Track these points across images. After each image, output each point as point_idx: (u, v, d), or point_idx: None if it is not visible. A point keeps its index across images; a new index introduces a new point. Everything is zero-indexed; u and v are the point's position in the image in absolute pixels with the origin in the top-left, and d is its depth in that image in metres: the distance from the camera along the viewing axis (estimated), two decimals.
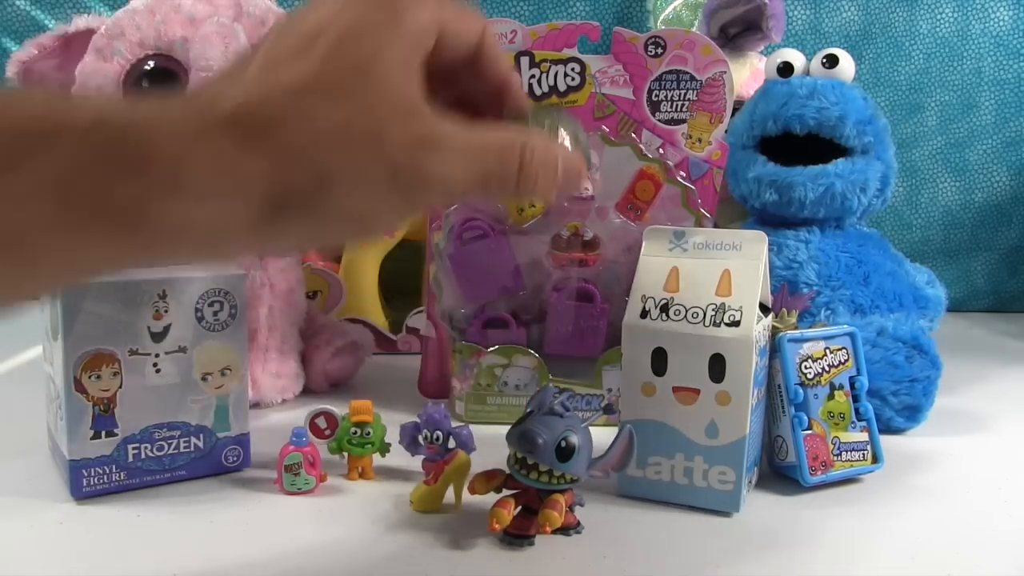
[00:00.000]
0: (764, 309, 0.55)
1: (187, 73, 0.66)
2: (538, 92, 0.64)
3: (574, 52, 0.64)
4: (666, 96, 0.65)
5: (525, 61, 0.64)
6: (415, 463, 0.54)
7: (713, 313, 0.51)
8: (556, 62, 0.64)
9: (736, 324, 0.50)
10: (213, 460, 0.55)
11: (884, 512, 0.53)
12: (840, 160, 0.74)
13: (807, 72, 0.76)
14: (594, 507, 0.51)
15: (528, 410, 0.48)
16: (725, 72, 0.65)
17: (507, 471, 0.48)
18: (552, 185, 0.35)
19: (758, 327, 0.51)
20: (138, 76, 0.67)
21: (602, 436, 0.50)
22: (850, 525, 0.51)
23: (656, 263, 0.54)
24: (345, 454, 0.56)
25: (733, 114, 0.69)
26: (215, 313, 0.54)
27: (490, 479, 0.49)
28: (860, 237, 0.77)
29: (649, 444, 0.52)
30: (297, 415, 0.61)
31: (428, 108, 0.32)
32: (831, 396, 0.56)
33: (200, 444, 0.55)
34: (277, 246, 0.33)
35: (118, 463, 0.52)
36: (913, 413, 0.66)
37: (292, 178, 0.29)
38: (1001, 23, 1.12)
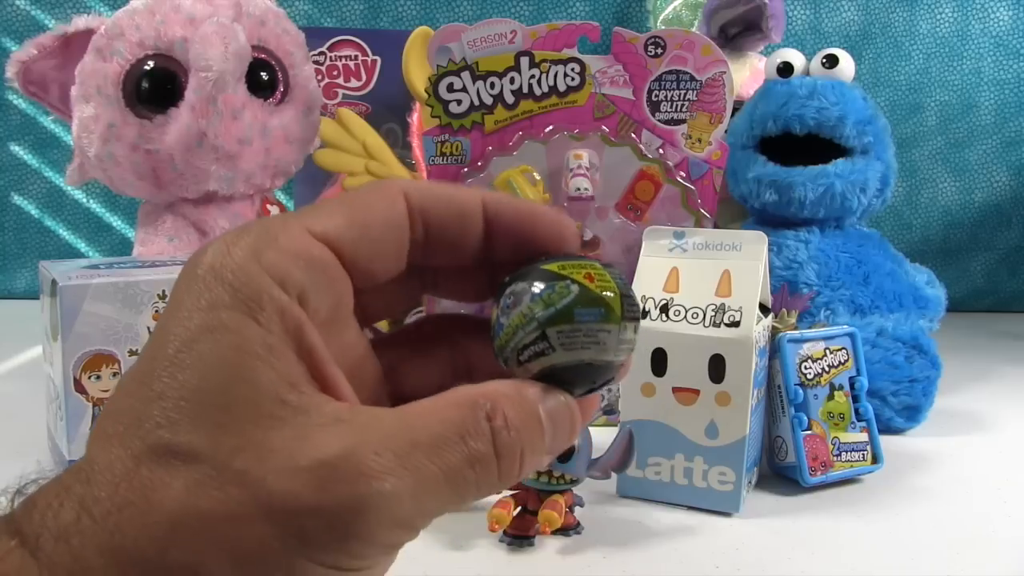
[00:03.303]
0: (764, 309, 0.55)
1: (187, 73, 0.66)
2: (538, 92, 0.64)
3: (574, 52, 0.64)
4: (666, 96, 0.65)
5: (525, 61, 0.64)
6: None
7: (713, 313, 0.51)
8: (556, 62, 0.64)
9: (736, 324, 0.50)
10: None
11: (884, 512, 0.53)
12: (840, 160, 0.74)
13: (807, 72, 0.76)
14: (594, 507, 0.51)
15: None
16: (725, 72, 0.64)
17: None
18: (542, 453, 0.24)
19: (758, 327, 0.51)
20: (138, 76, 0.67)
21: (602, 436, 0.50)
22: (850, 525, 0.51)
23: (656, 263, 0.54)
24: None
25: (733, 114, 0.69)
26: None
27: None
28: (860, 237, 0.77)
29: (649, 444, 0.52)
30: None
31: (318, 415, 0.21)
32: (831, 396, 0.56)
33: None
34: None
35: None
36: (913, 413, 0.66)
37: None
38: (1001, 23, 1.12)
